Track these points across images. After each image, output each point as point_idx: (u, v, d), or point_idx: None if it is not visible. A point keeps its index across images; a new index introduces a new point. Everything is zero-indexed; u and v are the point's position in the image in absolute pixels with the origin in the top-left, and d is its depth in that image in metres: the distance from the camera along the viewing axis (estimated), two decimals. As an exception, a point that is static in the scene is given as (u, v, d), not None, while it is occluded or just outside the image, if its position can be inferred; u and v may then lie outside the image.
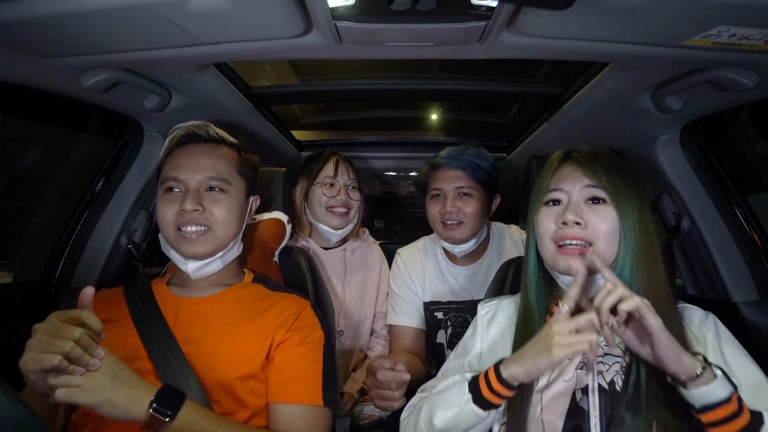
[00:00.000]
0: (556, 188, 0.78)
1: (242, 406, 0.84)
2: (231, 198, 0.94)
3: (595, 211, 0.74)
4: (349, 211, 1.44)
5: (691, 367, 0.60)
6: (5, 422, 0.38)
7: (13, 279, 1.56)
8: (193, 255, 0.90)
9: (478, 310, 0.92)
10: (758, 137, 1.18)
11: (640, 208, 0.74)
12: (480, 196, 1.31)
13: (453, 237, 1.29)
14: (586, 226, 0.73)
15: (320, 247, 1.48)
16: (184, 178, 0.91)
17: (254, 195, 1.05)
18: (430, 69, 1.51)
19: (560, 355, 0.63)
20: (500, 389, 0.69)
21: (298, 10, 0.69)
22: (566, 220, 0.73)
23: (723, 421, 0.58)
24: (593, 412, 0.71)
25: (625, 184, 0.75)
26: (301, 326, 0.91)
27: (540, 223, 0.78)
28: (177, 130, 0.96)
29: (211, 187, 0.92)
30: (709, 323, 0.75)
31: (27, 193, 2.39)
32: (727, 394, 0.59)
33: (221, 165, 0.94)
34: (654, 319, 0.60)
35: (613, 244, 0.73)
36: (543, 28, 0.74)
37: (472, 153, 1.30)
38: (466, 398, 0.71)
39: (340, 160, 1.46)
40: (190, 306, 0.92)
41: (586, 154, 0.80)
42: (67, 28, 0.71)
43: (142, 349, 0.84)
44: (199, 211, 0.89)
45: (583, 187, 0.76)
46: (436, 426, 0.73)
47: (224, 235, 0.93)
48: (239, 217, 0.96)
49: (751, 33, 0.67)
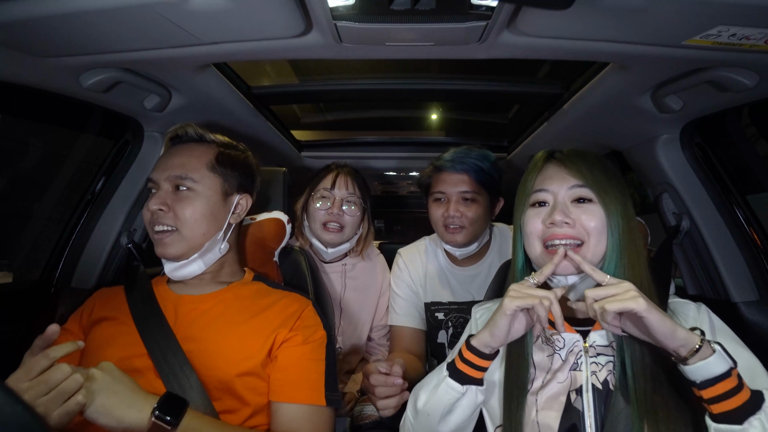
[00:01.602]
0: (542, 189, 0.79)
1: (243, 403, 0.84)
2: (199, 197, 0.91)
3: (582, 210, 0.75)
4: (344, 227, 1.37)
5: (690, 340, 0.61)
6: (5, 422, 0.38)
7: (13, 279, 1.56)
8: (163, 255, 0.91)
9: (473, 313, 0.93)
10: (758, 137, 1.18)
11: (623, 205, 0.75)
12: (483, 200, 1.30)
13: (455, 241, 1.29)
14: (574, 225, 0.74)
15: (319, 260, 1.45)
16: (156, 177, 0.92)
17: (242, 193, 1.00)
18: (430, 69, 1.50)
19: (510, 307, 0.68)
20: (471, 357, 0.73)
21: (298, 10, 0.69)
22: (555, 220, 0.74)
23: (724, 396, 0.59)
24: (588, 413, 0.71)
25: (608, 181, 0.76)
26: (304, 325, 0.91)
27: (527, 223, 0.79)
28: (168, 133, 0.98)
29: (178, 185, 0.91)
30: (702, 315, 0.76)
31: (27, 193, 2.39)
32: (727, 368, 0.60)
33: (190, 163, 0.92)
34: (636, 304, 0.61)
35: (602, 242, 0.74)
36: (543, 28, 0.74)
37: (476, 155, 1.29)
38: (443, 375, 0.75)
39: (340, 172, 1.40)
40: (190, 304, 0.92)
41: (569, 153, 0.81)
42: (67, 28, 0.71)
43: (142, 347, 0.84)
44: (164, 211, 0.89)
45: (570, 188, 0.77)
46: (419, 408, 0.76)
47: (192, 236, 0.90)
48: (210, 216, 0.93)
49: (751, 33, 0.67)
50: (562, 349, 0.78)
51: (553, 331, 0.80)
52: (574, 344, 0.77)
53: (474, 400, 0.74)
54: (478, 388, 0.74)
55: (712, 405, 0.60)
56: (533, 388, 0.77)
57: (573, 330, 0.79)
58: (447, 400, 0.73)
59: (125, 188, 1.26)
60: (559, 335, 0.79)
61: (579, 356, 0.76)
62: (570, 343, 0.78)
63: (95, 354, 0.87)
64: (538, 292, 0.69)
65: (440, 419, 0.75)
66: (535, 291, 0.69)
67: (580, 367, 0.75)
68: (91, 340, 0.89)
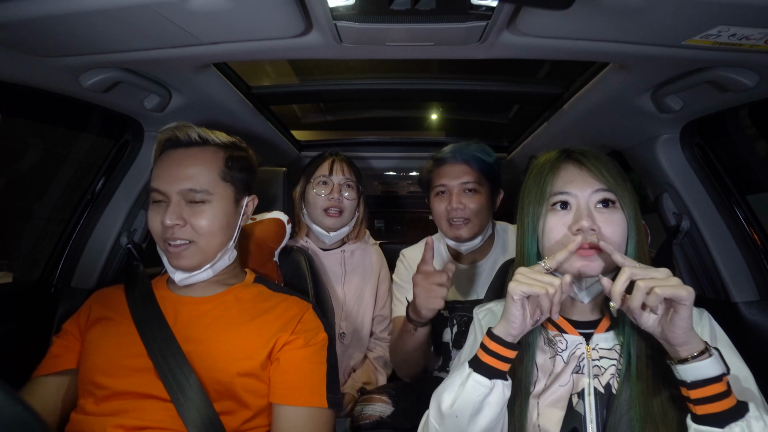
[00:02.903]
0: (564, 191, 0.75)
1: (242, 405, 0.84)
2: (214, 208, 0.89)
3: (605, 216, 0.73)
4: (343, 212, 1.42)
5: (695, 343, 0.61)
6: (5, 422, 0.38)
7: (13, 279, 1.56)
8: (178, 267, 0.90)
9: (474, 315, 0.92)
10: (758, 137, 1.18)
11: (636, 207, 0.75)
12: (485, 191, 1.31)
13: (459, 236, 1.30)
14: (599, 231, 0.72)
15: (319, 248, 1.48)
16: (165, 189, 0.88)
17: (250, 195, 1.00)
18: (430, 69, 1.51)
19: (516, 291, 0.66)
20: (496, 347, 0.69)
21: (298, 10, 0.69)
22: (582, 227, 0.71)
23: (711, 398, 0.59)
24: (589, 416, 0.70)
25: (625, 183, 0.75)
26: (305, 329, 0.91)
27: (551, 229, 0.75)
28: (161, 133, 0.93)
29: (193, 200, 0.88)
30: (704, 321, 0.75)
31: (27, 193, 2.39)
32: (719, 373, 0.60)
33: (202, 174, 0.89)
34: (686, 292, 0.59)
35: (623, 246, 0.73)
36: (543, 28, 0.74)
37: (475, 147, 1.31)
38: (467, 372, 0.70)
39: (336, 159, 1.45)
40: (190, 305, 0.92)
41: (586, 154, 0.78)
42: (67, 28, 0.71)
43: (141, 347, 0.84)
44: (180, 225, 0.87)
45: (594, 191, 0.74)
46: (445, 411, 0.71)
47: (208, 247, 0.90)
48: (226, 226, 0.92)
49: (751, 33, 0.67)
50: (564, 351, 0.77)
51: (556, 332, 0.79)
52: (576, 346, 0.76)
53: (502, 396, 0.70)
54: (504, 383, 0.70)
55: (698, 406, 0.60)
56: (535, 390, 0.75)
57: (576, 332, 0.78)
58: (475, 398, 0.69)
59: (125, 188, 1.26)
60: (562, 337, 0.78)
61: (581, 359, 0.75)
62: (572, 346, 0.77)
63: (94, 353, 0.87)
64: (545, 278, 0.66)
65: (470, 419, 0.70)
66: (543, 276, 0.66)
67: (582, 370, 0.74)
68: (90, 341, 0.89)
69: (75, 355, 0.91)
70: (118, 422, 0.77)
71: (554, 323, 0.80)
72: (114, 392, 0.81)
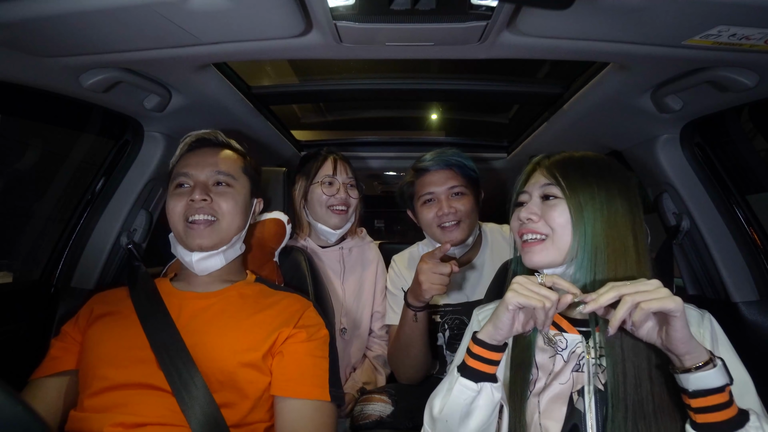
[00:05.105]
0: (523, 191, 0.84)
1: (243, 396, 0.85)
2: (236, 193, 0.99)
3: (548, 207, 0.78)
4: (348, 209, 1.45)
5: (699, 352, 0.60)
6: (5, 422, 0.38)
7: (13, 279, 1.56)
8: (200, 246, 0.94)
9: (474, 315, 0.92)
10: (758, 137, 1.18)
11: (601, 202, 0.74)
12: (471, 192, 1.32)
13: (454, 239, 1.29)
14: (539, 220, 0.78)
15: (318, 246, 1.49)
16: (194, 173, 0.97)
17: (258, 198, 1.09)
18: (430, 69, 1.51)
19: (512, 302, 0.66)
20: (480, 351, 0.71)
21: (298, 10, 0.69)
22: (520, 217, 0.80)
23: (712, 408, 0.59)
24: (589, 414, 0.71)
25: (583, 179, 0.76)
26: (308, 324, 0.93)
27: (512, 222, 0.85)
28: (189, 137, 1.04)
29: (219, 181, 0.98)
30: (706, 323, 0.75)
31: (27, 193, 2.39)
32: (722, 384, 0.60)
33: (228, 162, 1.00)
34: (674, 304, 0.58)
35: (565, 236, 0.75)
36: (543, 28, 0.74)
37: (453, 152, 1.33)
38: (455, 376, 0.73)
39: (338, 158, 1.47)
40: (194, 300, 0.95)
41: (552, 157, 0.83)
42: (67, 28, 0.71)
43: (144, 339, 0.86)
44: (207, 201, 0.94)
45: (540, 186, 0.80)
46: (436, 416, 0.74)
47: (229, 228, 0.97)
48: (243, 212, 1.01)
49: (751, 33, 0.67)
50: (564, 350, 0.78)
51: (556, 331, 0.80)
52: (576, 345, 0.77)
53: (491, 399, 0.71)
54: (493, 385, 0.71)
55: (698, 414, 0.60)
56: (535, 389, 0.76)
57: (575, 331, 0.79)
58: (463, 401, 0.70)
59: (125, 188, 1.26)
60: (562, 336, 0.79)
61: (581, 357, 0.76)
62: (572, 344, 0.78)
63: (96, 345, 0.88)
64: (542, 291, 0.67)
65: (459, 423, 0.71)
66: (540, 289, 0.67)
67: (582, 368, 0.75)
68: (92, 335, 0.90)
69: (74, 357, 0.91)
70: (118, 420, 0.77)
71: (554, 323, 0.80)
72: (115, 384, 0.82)
